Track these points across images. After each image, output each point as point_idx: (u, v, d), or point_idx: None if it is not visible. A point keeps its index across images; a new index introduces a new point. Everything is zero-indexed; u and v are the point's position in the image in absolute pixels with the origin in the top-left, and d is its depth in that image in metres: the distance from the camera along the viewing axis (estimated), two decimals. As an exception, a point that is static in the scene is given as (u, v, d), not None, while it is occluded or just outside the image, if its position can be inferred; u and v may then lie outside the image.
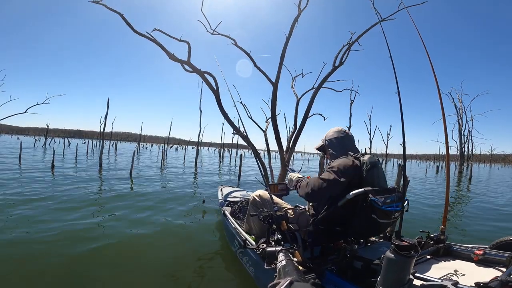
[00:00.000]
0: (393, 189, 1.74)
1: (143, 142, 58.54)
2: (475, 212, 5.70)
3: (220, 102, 5.31)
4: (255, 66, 5.75)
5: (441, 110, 2.11)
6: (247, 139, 5.02)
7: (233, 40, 5.87)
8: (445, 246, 1.68)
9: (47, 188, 5.38)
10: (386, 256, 1.11)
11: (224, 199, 3.38)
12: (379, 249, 1.69)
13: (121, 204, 4.47)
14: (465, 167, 19.84)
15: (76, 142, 30.77)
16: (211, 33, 5.81)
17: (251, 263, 2.02)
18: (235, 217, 2.71)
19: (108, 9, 4.86)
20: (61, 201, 4.38)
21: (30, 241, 2.77)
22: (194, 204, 4.78)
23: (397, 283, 1.09)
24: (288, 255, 1.30)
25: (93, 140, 31.34)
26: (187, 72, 5.23)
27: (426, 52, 2.17)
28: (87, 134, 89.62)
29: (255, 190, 2.27)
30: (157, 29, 5.15)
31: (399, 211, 1.70)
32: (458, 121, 21.37)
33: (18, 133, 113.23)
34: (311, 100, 6.05)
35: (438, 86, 2.13)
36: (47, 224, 3.25)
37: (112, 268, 2.37)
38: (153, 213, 4.05)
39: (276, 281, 1.04)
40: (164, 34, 5.14)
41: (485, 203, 6.87)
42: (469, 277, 1.33)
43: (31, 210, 3.79)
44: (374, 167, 1.72)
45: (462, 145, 21.27)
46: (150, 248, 2.85)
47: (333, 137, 1.92)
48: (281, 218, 1.69)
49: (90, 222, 3.43)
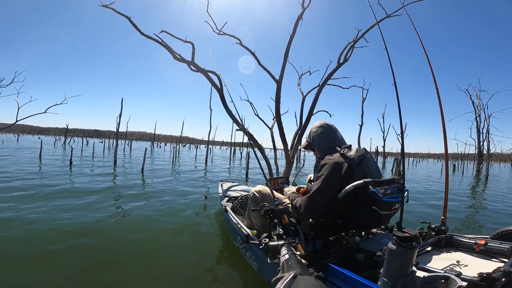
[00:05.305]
0: (393, 180, 1.74)
1: (157, 141, 59.73)
2: (486, 213, 5.56)
3: (224, 100, 5.45)
4: (259, 65, 5.85)
5: (441, 109, 2.04)
6: (250, 135, 5.13)
7: (238, 39, 5.98)
8: (446, 237, 1.67)
9: (65, 180, 5.72)
10: (388, 247, 1.11)
11: (224, 194, 3.40)
12: (381, 241, 1.69)
13: (126, 199, 4.64)
14: (483, 165, 19.04)
15: (93, 141, 31.81)
16: (217, 33, 5.96)
17: (254, 257, 2.04)
18: (236, 212, 2.70)
19: (117, 12, 5.09)
20: (70, 192, 4.66)
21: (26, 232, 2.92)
22: (197, 201, 4.87)
23: (400, 274, 1.09)
24: (290, 249, 1.31)
25: (110, 139, 32.35)
26: (192, 71, 5.40)
27: (424, 50, 2.09)
28: (105, 134, 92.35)
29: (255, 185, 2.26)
30: (164, 31, 5.34)
31: (399, 202, 1.69)
32: (476, 119, 20.50)
33: (39, 133, 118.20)
34: (315, 97, 6.09)
35: (436, 83, 2.09)
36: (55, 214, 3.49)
37: (112, 264, 2.36)
38: (156, 209, 4.12)
39: (280, 275, 1.03)
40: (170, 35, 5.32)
41: (497, 203, 6.67)
42: (471, 268, 1.33)
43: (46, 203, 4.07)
44: (363, 161, 1.72)
45: (480, 143, 20.43)
46: (151, 243, 2.89)
47: (316, 133, 1.93)
48: (282, 212, 1.70)
49: (97, 216, 3.58)
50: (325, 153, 1.82)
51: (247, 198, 2.49)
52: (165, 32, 5.31)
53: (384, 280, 1.12)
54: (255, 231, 2.15)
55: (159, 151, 25.47)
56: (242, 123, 5.85)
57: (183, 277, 2.23)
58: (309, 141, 1.98)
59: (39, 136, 60.37)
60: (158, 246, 2.82)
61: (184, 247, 2.86)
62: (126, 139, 29.75)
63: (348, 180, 1.62)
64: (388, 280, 1.11)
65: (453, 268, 1.33)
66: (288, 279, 0.96)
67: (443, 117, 2.10)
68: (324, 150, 1.86)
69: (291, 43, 5.69)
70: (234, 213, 2.61)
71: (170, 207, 4.31)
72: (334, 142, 1.87)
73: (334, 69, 6.05)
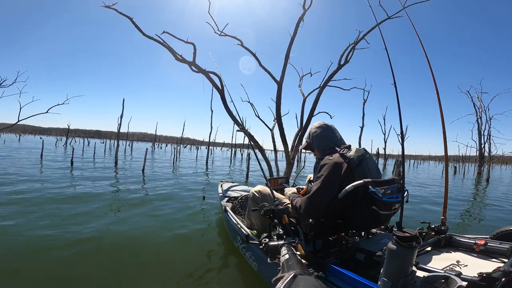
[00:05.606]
0: (393, 180, 1.74)
1: (158, 142, 59.85)
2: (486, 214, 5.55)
3: (225, 101, 5.46)
4: (260, 66, 5.86)
5: (441, 111, 2.05)
6: (250, 136, 5.14)
7: (239, 40, 6.01)
8: (446, 236, 1.67)
9: (68, 183, 5.73)
10: (388, 247, 1.11)
11: (224, 194, 3.39)
12: (381, 241, 1.70)
13: (126, 199, 4.65)
14: (485, 168, 18.99)
15: (95, 141, 31.88)
16: (219, 35, 5.98)
17: (254, 257, 2.04)
18: (236, 213, 2.70)
19: (119, 13, 5.11)
20: (67, 196, 4.67)
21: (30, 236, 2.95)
22: (197, 201, 4.87)
23: (400, 274, 1.09)
24: (290, 249, 1.31)
25: (111, 140, 32.43)
26: (193, 72, 5.41)
27: (424, 52, 2.10)
28: (106, 134, 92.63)
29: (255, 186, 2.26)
30: (166, 32, 5.36)
31: (399, 202, 1.70)
32: (477, 121, 20.46)
33: (41, 133, 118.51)
34: (316, 98, 6.10)
35: (436, 85, 2.10)
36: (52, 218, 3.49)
37: (113, 264, 2.36)
38: (156, 209, 4.12)
39: (280, 275, 1.04)
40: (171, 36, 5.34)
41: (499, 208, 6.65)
42: (471, 267, 1.33)
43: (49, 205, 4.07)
44: (363, 161, 1.72)
45: (481, 145, 20.38)
46: (151, 244, 2.87)
47: (315, 134, 1.93)
48: (282, 212, 1.70)
49: (97, 216, 3.58)
50: (325, 154, 1.83)
51: (247, 198, 2.48)
52: (166, 33, 5.34)
53: (384, 280, 1.12)
54: (255, 231, 2.15)
55: (160, 152, 25.50)
56: (243, 124, 5.86)
57: (183, 277, 2.23)
58: (309, 142, 1.99)
59: (40, 136, 60.60)
60: (158, 246, 2.81)
61: (184, 247, 2.86)
62: (127, 140, 29.82)
63: (348, 180, 1.62)
64: (388, 280, 1.11)
65: (453, 268, 1.33)
66: (288, 279, 0.96)
67: (442, 118, 2.11)
68: (324, 151, 1.87)
69: (292, 44, 5.71)
70: (234, 213, 2.61)
71: (170, 207, 4.32)
72: (333, 143, 1.87)
73: (335, 70, 6.07)
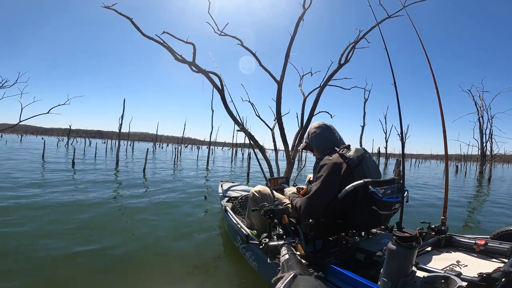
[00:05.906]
0: (393, 180, 1.73)
1: (159, 142, 59.91)
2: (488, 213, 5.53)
3: (225, 101, 5.46)
4: (260, 66, 5.85)
5: (441, 109, 2.04)
6: (250, 135, 5.13)
7: (239, 40, 6.00)
8: (446, 237, 1.67)
9: (70, 184, 5.75)
10: (388, 247, 1.11)
11: (224, 194, 3.39)
12: (381, 241, 1.69)
13: (126, 199, 4.66)
14: (486, 167, 18.92)
15: (96, 141, 31.95)
16: (219, 34, 5.97)
17: (254, 257, 2.04)
18: (236, 213, 2.70)
19: (119, 14, 5.11)
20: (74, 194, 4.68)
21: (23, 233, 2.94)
22: (197, 201, 4.88)
23: (400, 274, 1.09)
24: (290, 249, 1.30)
25: (112, 140, 32.53)
26: (193, 72, 5.41)
27: (424, 51, 2.08)
28: (107, 135, 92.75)
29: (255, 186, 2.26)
30: (166, 32, 5.36)
31: (399, 202, 1.69)
32: (479, 120, 20.38)
33: (42, 134, 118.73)
34: (316, 98, 6.09)
35: (436, 84, 2.09)
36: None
37: (113, 264, 2.36)
38: (156, 209, 4.14)
39: (280, 275, 1.04)
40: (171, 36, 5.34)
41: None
42: (471, 268, 1.33)
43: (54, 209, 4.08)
44: (362, 161, 1.71)
45: (483, 144, 20.30)
46: (151, 243, 2.88)
47: (315, 134, 1.92)
48: (282, 212, 1.70)
49: (97, 216, 3.61)
50: (324, 154, 1.83)
51: (247, 198, 2.48)
52: (166, 33, 5.34)
53: (384, 280, 1.12)
54: (255, 231, 2.15)
55: (161, 152, 25.53)
56: (243, 124, 5.86)
57: (183, 277, 2.23)
58: (308, 142, 1.99)
59: (42, 137, 60.80)
60: (158, 246, 2.82)
61: (184, 247, 2.86)
62: (128, 140, 29.88)
63: (348, 180, 1.61)
64: (388, 280, 1.11)
65: (453, 268, 1.33)
66: (288, 279, 0.96)
67: (442, 117, 2.10)
68: (323, 151, 1.87)
69: (292, 43, 5.70)
70: (234, 213, 2.61)
71: (170, 207, 4.33)
72: (332, 143, 1.87)
73: (335, 69, 6.05)
